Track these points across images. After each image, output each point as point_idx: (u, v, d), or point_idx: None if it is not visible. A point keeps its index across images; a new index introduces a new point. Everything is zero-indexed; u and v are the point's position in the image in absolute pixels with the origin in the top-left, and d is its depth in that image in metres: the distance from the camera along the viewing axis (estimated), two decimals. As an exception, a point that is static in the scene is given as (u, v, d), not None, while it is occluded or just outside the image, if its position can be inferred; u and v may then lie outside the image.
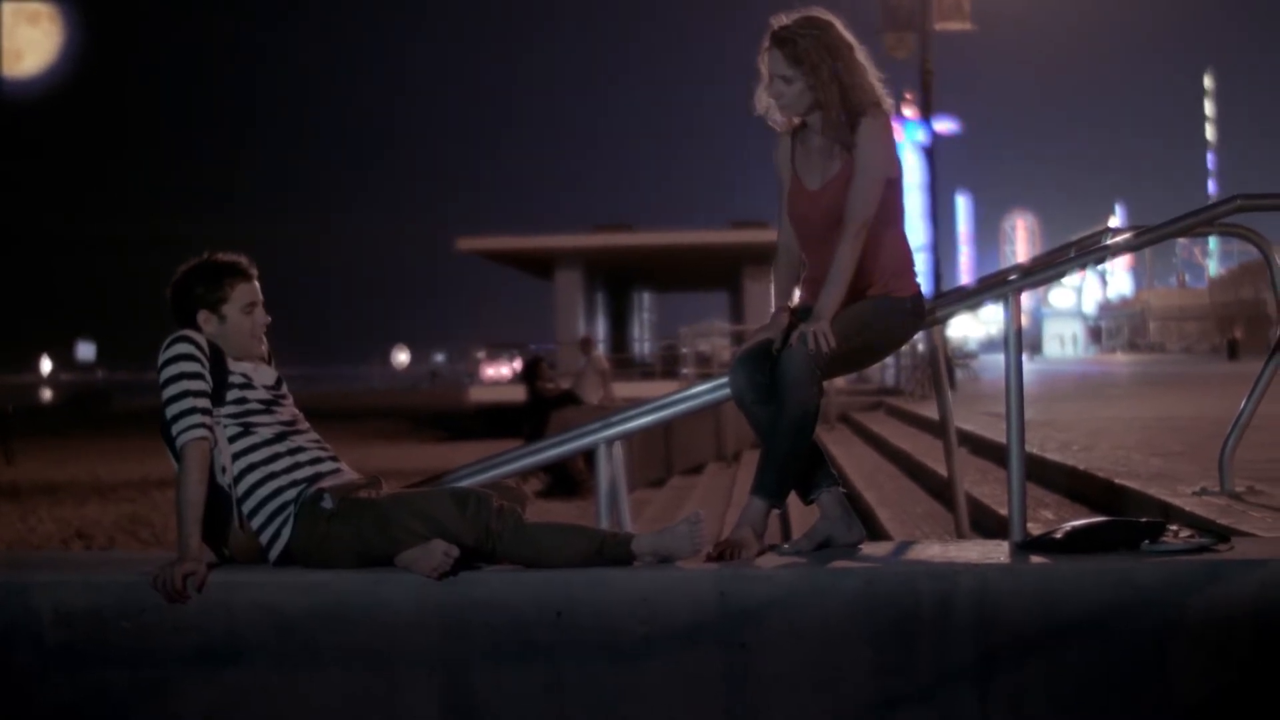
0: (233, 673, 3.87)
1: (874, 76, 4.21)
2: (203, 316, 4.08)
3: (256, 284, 4.17)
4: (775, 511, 4.16)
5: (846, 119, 4.14)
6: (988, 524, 6.47)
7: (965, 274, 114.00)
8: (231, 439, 3.99)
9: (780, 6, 4.23)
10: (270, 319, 4.20)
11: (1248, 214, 4.83)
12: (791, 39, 4.13)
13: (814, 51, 4.11)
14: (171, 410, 3.92)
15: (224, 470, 3.97)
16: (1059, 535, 4.07)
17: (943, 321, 5.02)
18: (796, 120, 4.27)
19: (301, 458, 4.04)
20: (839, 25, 4.18)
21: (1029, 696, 3.77)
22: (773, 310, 4.34)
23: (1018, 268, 6.25)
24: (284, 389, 4.20)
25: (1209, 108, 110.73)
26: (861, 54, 4.20)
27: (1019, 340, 4.37)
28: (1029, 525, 4.32)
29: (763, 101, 4.25)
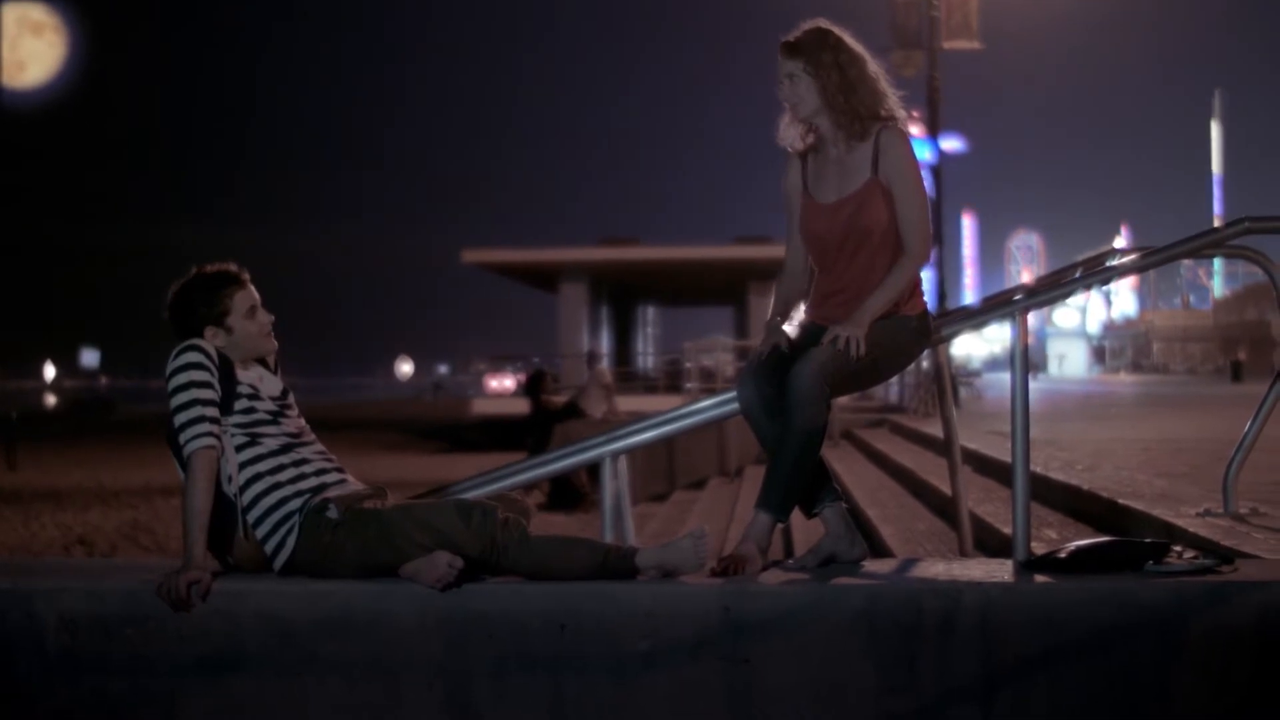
0: (235, 681, 3.87)
1: (888, 86, 4.26)
2: (210, 333, 4.09)
3: (251, 287, 4.18)
4: (779, 526, 4.16)
5: (855, 114, 4.19)
6: (991, 543, 6.46)
7: (970, 293, 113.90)
8: (238, 448, 4.00)
9: (787, 23, 4.29)
10: (274, 316, 4.21)
11: (1255, 236, 4.84)
12: (794, 39, 4.24)
13: (813, 45, 4.21)
14: (180, 419, 3.93)
15: (230, 479, 3.98)
16: (1063, 555, 4.08)
17: (948, 340, 5.03)
18: (809, 137, 4.31)
19: (307, 469, 4.05)
20: (846, 34, 4.25)
21: (1032, 715, 3.77)
22: (768, 320, 4.37)
23: (1023, 288, 6.26)
24: (290, 400, 4.21)
25: (1216, 129, 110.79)
26: (873, 64, 4.26)
27: (1025, 360, 4.37)
28: (1032, 544, 4.32)
29: (782, 125, 4.33)
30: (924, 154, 28.20)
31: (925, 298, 4.38)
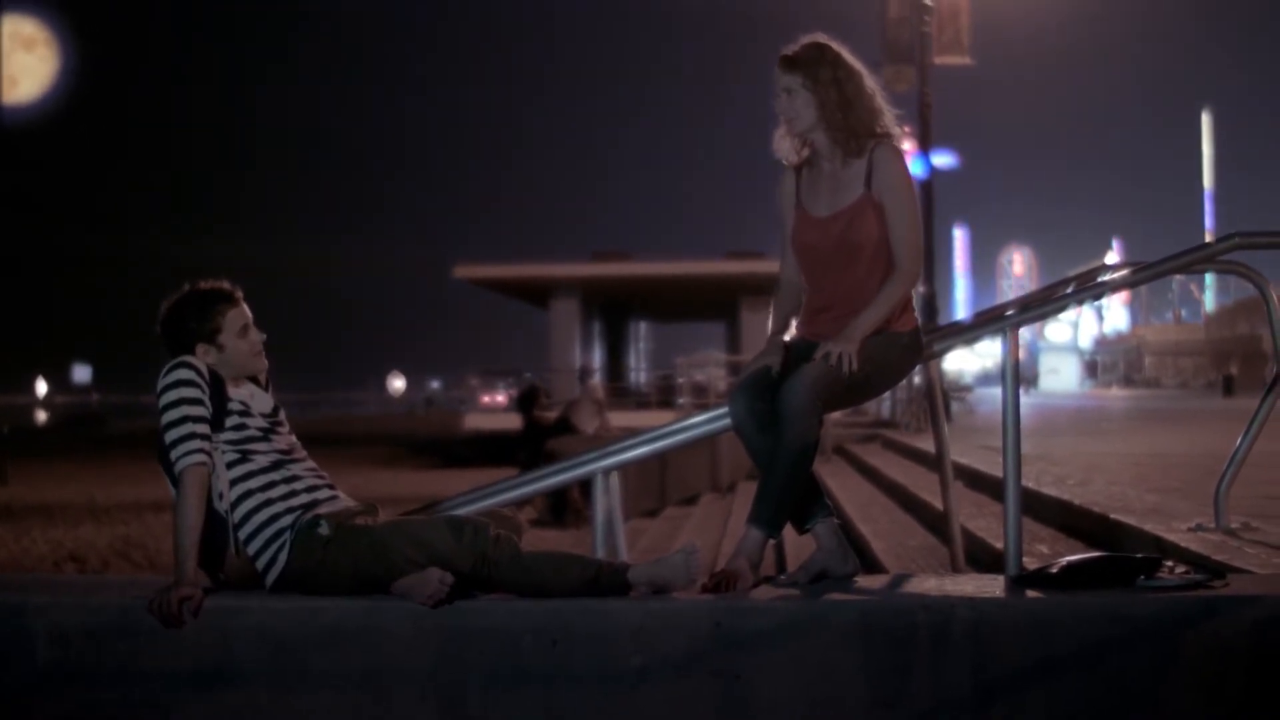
0: (227, 696, 3.87)
1: (884, 103, 4.27)
2: (201, 350, 4.09)
3: (244, 305, 4.18)
4: (771, 542, 4.16)
5: (851, 131, 4.20)
6: (983, 558, 6.46)
7: (962, 308, 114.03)
8: (229, 465, 4.00)
9: (782, 37, 4.30)
10: (265, 335, 4.21)
11: (1245, 251, 4.85)
12: (793, 54, 4.24)
13: (812, 60, 4.21)
14: (171, 436, 3.93)
15: (221, 496, 3.98)
16: (1055, 570, 4.08)
17: (940, 356, 5.03)
18: (803, 151, 4.32)
19: (298, 485, 4.05)
20: (845, 51, 4.25)
21: (1023, 731, 3.76)
22: (768, 337, 4.37)
23: (1015, 303, 6.27)
24: (281, 416, 4.21)
25: (1206, 145, 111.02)
26: (870, 81, 4.26)
27: (1016, 375, 4.38)
28: (1024, 559, 4.32)
29: (777, 137, 4.33)
30: (915, 169, 28.27)
31: (916, 313, 4.39)
